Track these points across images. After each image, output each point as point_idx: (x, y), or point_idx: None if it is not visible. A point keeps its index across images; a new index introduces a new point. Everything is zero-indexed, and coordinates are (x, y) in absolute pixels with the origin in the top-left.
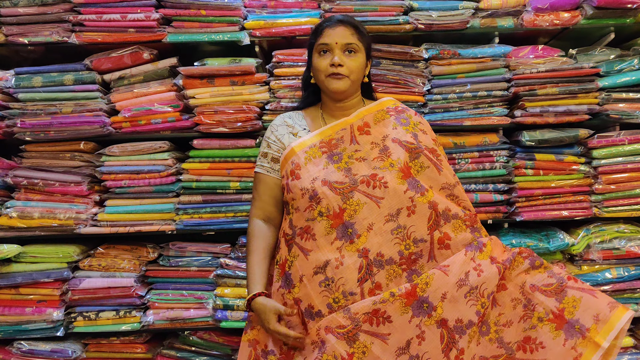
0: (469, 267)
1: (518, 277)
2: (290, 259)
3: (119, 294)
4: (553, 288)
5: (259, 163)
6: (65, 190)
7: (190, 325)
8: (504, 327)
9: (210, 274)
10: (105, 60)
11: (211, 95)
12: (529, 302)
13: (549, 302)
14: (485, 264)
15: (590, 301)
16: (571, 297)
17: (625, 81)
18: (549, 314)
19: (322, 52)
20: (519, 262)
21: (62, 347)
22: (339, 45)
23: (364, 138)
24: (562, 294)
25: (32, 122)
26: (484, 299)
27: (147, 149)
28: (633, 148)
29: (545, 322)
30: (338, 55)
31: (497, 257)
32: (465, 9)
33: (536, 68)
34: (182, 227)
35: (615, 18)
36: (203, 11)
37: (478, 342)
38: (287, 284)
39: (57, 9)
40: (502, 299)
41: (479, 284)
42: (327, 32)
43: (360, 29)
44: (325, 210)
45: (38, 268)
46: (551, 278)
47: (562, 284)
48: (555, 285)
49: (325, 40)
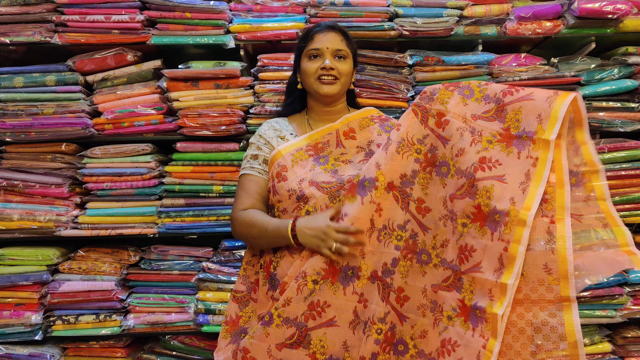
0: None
1: (457, 106)
2: (276, 259)
3: (99, 298)
4: (493, 112)
5: (247, 165)
6: (45, 192)
7: (171, 329)
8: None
9: (192, 278)
10: (88, 61)
11: (195, 98)
12: (474, 131)
13: (493, 126)
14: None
15: (530, 105)
16: (512, 111)
17: (606, 90)
18: (497, 136)
19: (312, 57)
20: (444, 96)
21: (40, 351)
22: (330, 50)
23: (349, 142)
24: (503, 112)
25: (12, 122)
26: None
27: (129, 152)
28: (612, 156)
29: (494, 143)
30: (329, 59)
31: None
32: (450, 17)
33: (519, 76)
34: (164, 230)
35: (596, 28)
36: (188, 14)
37: (424, 272)
38: (274, 286)
39: (40, 9)
40: (449, 131)
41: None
42: (318, 38)
43: (348, 36)
44: (312, 210)
45: (17, 271)
46: (488, 104)
47: (500, 104)
48: (494, 109)
49: (316, 45)
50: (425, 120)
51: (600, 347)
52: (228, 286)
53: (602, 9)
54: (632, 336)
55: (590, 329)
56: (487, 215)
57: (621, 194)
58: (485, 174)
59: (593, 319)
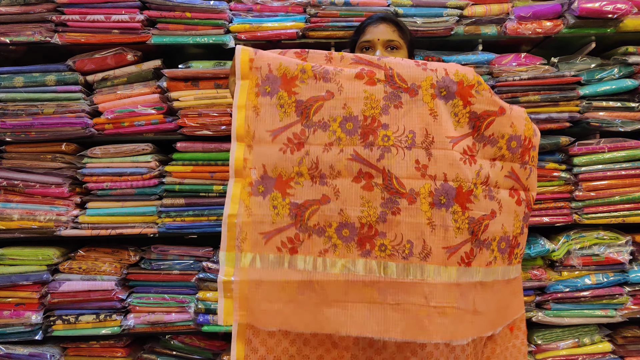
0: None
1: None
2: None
3: (99, 297)
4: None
5: None
6: (45, 191)
7: (171, 329)
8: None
9: (192, 278)
10: (88, 61)
11: (195, 98)
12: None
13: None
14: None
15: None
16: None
17: (606, 90)
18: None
19: (365, 49)
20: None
21: (40, 351)
22: (381, 41)
23: None
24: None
25: (12, 122)
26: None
27: (129, 151)
28: (612, 156)
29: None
30: (380, 50)
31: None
32: (450, 16)
33: (519, 76)
34: (165, 230)
35: (597, 28)
36: (188, 13)
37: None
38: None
39: (40, 8)
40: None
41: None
42: (369, 30)
43: (401, 26)
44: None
45: (17, 270)
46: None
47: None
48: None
49: (367, 37)
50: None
51: (600, 346)
52: None
53: (602, 8)
54: (632, 336)
55: (590, 328)
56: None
57: (621, 193)
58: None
59: (593, 318)
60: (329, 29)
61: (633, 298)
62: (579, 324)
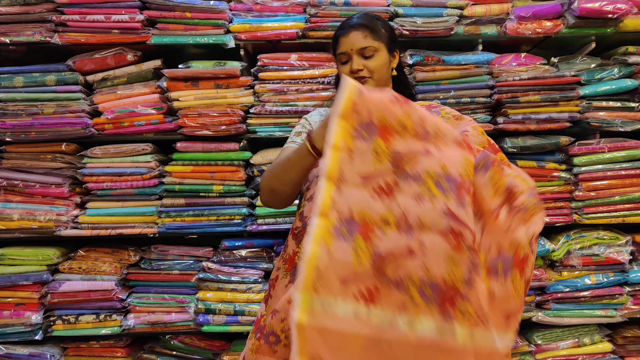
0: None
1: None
2: (300, 249)
3: (99, 297)
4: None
5: (289, 141)
6: (45, 191)
7: (171, 329)
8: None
9: (192, 278)
10: (88, 61)
11: (195, 98)
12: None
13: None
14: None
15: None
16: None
17: (605, 90)
18: None
19: (343, 63)
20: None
21: (40, 351)
22: (355, 50)
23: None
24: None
25: (12, 122)
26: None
27: (129, 151)
28: (612, 156)
29: None
30: (355, 61)
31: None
32: (450, 16)
33: (519, 76)
34: (165, 230)
35: (596, 28)
36: (188, 13)
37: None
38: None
39: (40, 8)
40: None
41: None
42: (341, 41)
43: (374, 27)
44: None
45: (17, 270)
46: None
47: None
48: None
49: (342, 49)
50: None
51: (600, 346)
52: (228, 286)
53: (602, 8)
54: (632, 336)
55: (590, 328)
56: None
57: (621, 193)
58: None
59: (593, 318)
60: (329, 29)
61: (633, 298)
62: (579, 324)
